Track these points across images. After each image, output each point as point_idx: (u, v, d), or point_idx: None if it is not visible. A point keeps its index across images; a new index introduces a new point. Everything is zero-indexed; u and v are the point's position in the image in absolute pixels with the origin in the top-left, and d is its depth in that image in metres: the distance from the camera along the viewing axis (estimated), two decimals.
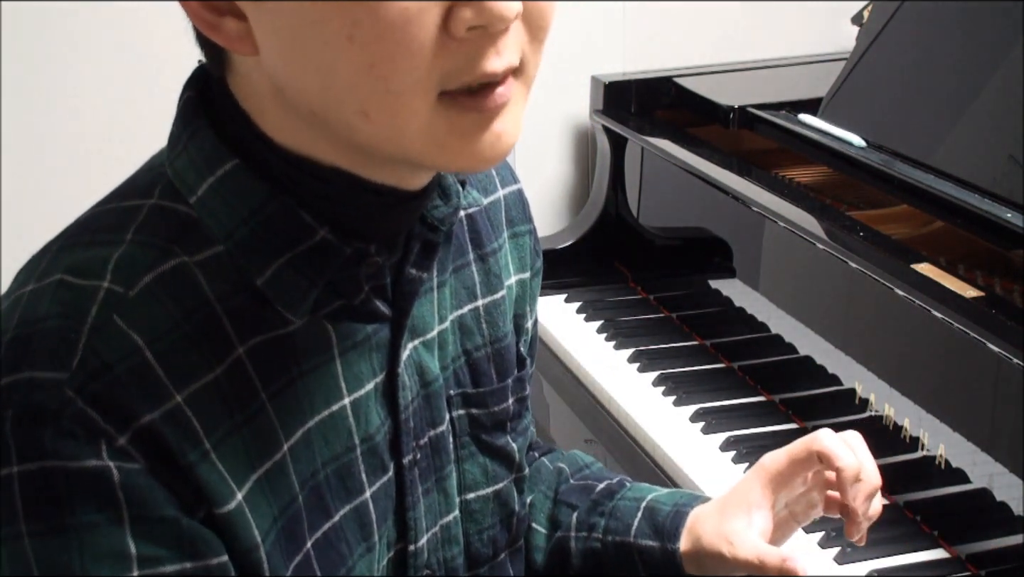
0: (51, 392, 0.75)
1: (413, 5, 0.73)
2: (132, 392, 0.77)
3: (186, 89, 0.87)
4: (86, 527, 0.76)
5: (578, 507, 1.11)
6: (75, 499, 0.76)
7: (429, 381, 0.94)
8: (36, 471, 0.75)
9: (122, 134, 2.06)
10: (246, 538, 0.81)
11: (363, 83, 0.75)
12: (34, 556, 0.76)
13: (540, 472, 1.16)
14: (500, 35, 0.76)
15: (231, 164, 0.83)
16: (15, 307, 0.80)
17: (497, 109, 0.78)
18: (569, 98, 2.23)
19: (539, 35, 0.79)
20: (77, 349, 0.77)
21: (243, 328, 0.82)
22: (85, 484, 0.76)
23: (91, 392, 0.76)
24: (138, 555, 0.77)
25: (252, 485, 0.81)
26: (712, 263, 1.90)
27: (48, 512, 0.76)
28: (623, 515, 1.08)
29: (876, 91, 1.79)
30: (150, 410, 0.77)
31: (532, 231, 1.07)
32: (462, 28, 0.74)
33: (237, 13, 0.77)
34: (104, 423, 0.76)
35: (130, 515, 0.77)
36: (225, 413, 0.80)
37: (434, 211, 0.91)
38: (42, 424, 0.75)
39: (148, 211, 0.83)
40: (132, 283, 0.79)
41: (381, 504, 0.90)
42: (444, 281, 0.96)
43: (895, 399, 1.49)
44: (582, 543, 1.09)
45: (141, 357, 0.77)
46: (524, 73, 0.80)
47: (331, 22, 0.73)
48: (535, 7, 0.77)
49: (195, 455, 0.78)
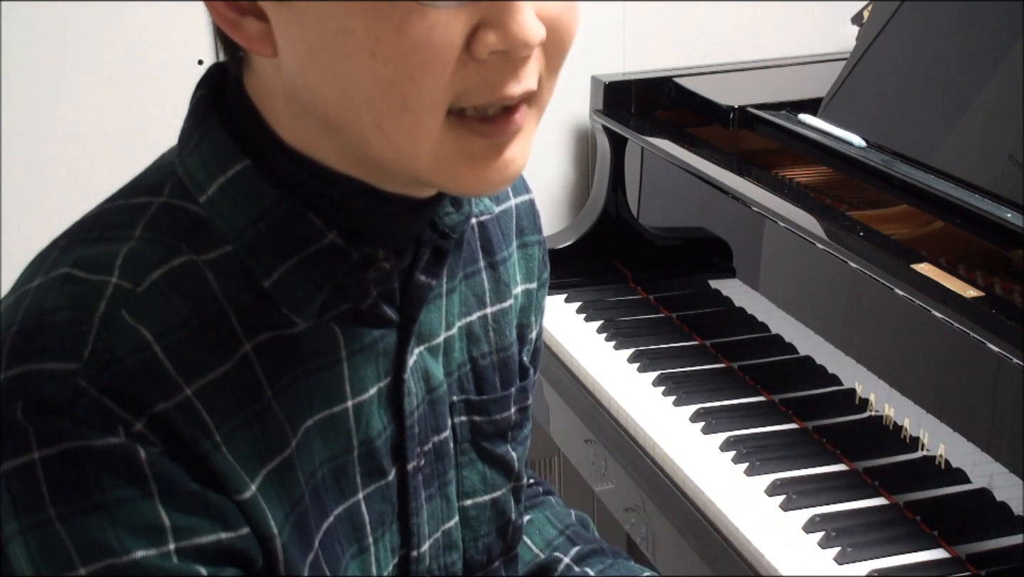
0: (63, 383, 0.75)
1: (439, 26, 0.73)
2: (143, 384, 0.77)
3: (199, 87, 0.87)
4: (118, 502, 0.76)
5: (580, 545, 1.12)
6: (103, 476, 0.75)
7: (434, 387, 0.94)
8: (59, 454, 0.75)
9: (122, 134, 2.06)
10: (263, 527, 0.81)
11: (381, 98, 0.75)
12: (69, 538, 0.75)
13: (551, 504, 1.17)
14: (522, 61, 0.76)
15: (242, 165, 0.82)
16: (20, 301, 0.80)
17: (510, 136, 0.78)
18: (569, 98, 2.23)
19: (557, 62, 0.80)
20: (88, 340, 0.76)
21: (250, 326, 0.82)
22: (112, 461, 0.75)
23: (103, 382, 0.76)
24: (173, 526, 0.77)
25: (263, 480, 0.81)
26: (712, 263, 1.90)
27: (77, 492, 0.75)
28: (623, 571, 1.10)
29: (876, 91, 1.79)
30: (163, 400, 0.77)
31: (541, 242, 1.07)
32: (485, 51, 0.74)
33: (259, 14, 0.77)
34: (119, 410, 0.76)
35: (159, 488, 0.76)
36: (234, 407, 0.80)
37: (445, 218, 0.91)
38: (57, 414, 0.75)
39: (157, 208, 0.83)
40: (140, 279, 0.79)
41: (376, 507, 0.90)
42: (454, 288, 0.96)
43: (895, 399, 1.49)
44: (571, 571, 1.10)
45: (150, 351, 0.77)
46: (539, 100, 0.80)
47: (355, 36, 0.73)
48: (557, 34, 0.77)
49: (208, 445, 0.78)
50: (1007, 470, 1.32)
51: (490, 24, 0.74)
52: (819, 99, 1.85)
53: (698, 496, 1.51)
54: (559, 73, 0.81)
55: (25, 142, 2.04)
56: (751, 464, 1.54)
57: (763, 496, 1.48)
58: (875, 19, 1.83)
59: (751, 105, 1.91)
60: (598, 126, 2.12)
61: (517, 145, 0.79)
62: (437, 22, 0.73)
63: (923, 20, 1.76)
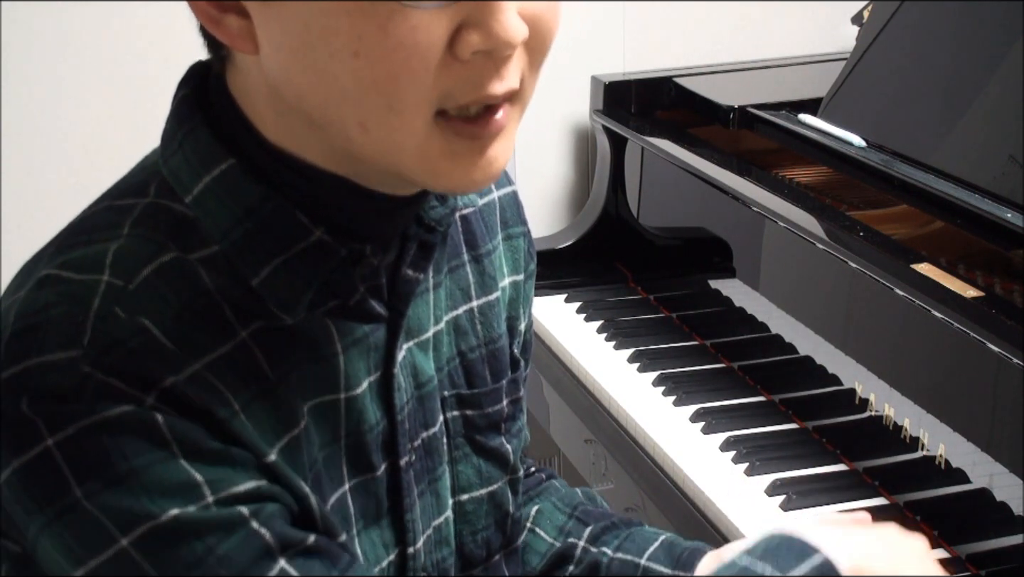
0: (66, 371, 0.75)
1: (421, 26, 0.73)
2: (149, 361, 0.76)
3: (181, 87, 0.87)
4: (144, 468, 0.75)
5: (592, 525, 1.12)
6: (124, 444, 0.74)
7: (423, 382, 0.94)
8: (74, 435, 0.74)
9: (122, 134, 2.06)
10: (294, 487, 0.80)
11: (365, 98, 0.75)
12: (103, 513, 0.75)
13: (555, 488, 1.16)
14: (504, 60, 0.76)
15: (227, 164, 0.82)
16: (10, 309, 0.80)
17: (493, 135, 0.79)
18: (569, 98, 2.23)
19: (539, 61, 0.80)
20: (86, 328, 0.76)
21: (244, 317, 0.82)
22: (130, 428, 0.74)
23: (107, 364, 0.75)
24: (206, 480, 0.76)
25: (279, 453, 0.81)
26: (712, 263, 1.90)
27: (100, 466, 0.74)
28: (640, 540, 1.08)
29: (876, 91, 1.79)
30: (172, 374, 0.76)
31: (526, 233, 1.07)
32: (468, 51, 0.74)
33: (241, 11, 0.77)
34: (128, 388, 0.75)
35: (182, 450, 0.75)
36: (244, 381, 0.80)
37: (431, 212, 0.91)
38: (64, 401, 0.74)
39: (143, 208, 0.83)
40: (131, 276, 0.79)
41: (359, 500, 0.90)
42: (439, 282, 0.96)
43: (895, 399, 1.49)
44: (588, 554, 1.09)
45: (150, 335, 0.77)
46: (521, 98, 0.80)
47: (338, 36, 0.73)
48: (539, 32, 0.78)
49: (225, 412, 0.78)
50: (1007, 470, 1.32)
51: (472, 24, 0.74)
52: (819, 99, 1.85)
53: (698, 496, 1.51)
54: (540, 70, 0.81)
55: (25, 142, 2.04)
56: (751, 464, 1.54)
57: (763, 496, 1.48)
58: (875, 19, 1.83)
59: (751, 105, 1.91)
60: (598, 126, 2.12)
61: (500, 144, 0.80)
62: (420, 23, 0.73)
63: (923, 20, 1.76)
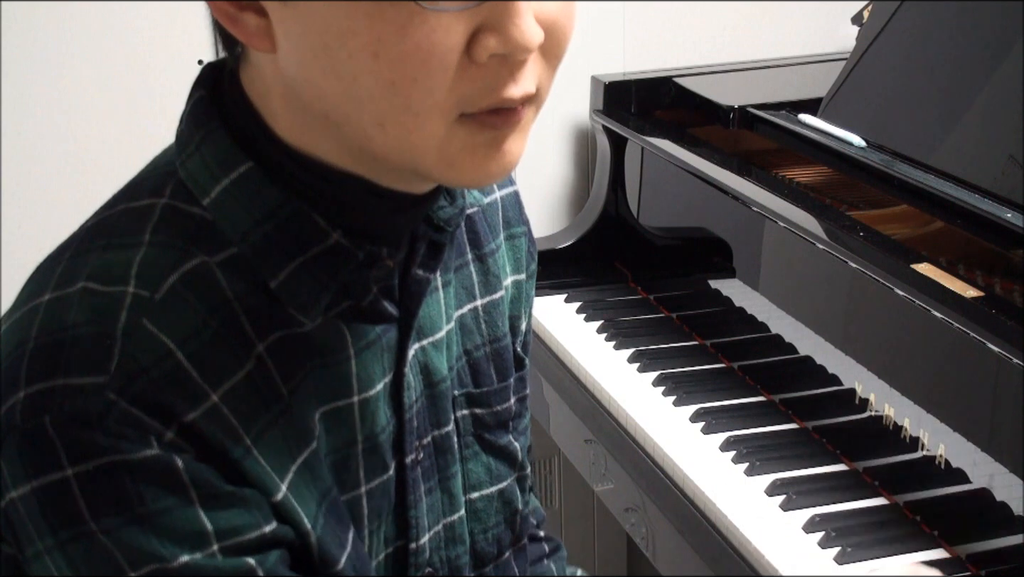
0: (92, 397, 0.76)
1: (440, 29, 0.73)
2: (171, 393, 0.77)
3: (196, 88, 0.87)
4: (160, 513, 0.77)
5: None
6: (144, 488, 0.76)
7: (436, 381, 0.94)
8: (94, 470, 0.76)
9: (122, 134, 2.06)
10: (298, 525, 0.83)
11: (383, 98, 0.76)
12: (116, 547, 0.77)
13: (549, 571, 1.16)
14: (520, 64, 0.77)
15: (245, 167, 0.83)
16: (33, 316, 0.80)
17: (512, 128, 0.80)
18: (569, 98, 2.23)
19: (554, 63, 0.81)
20: (114, 353, 0.77)
21: (261, 326, 0.83)
22: (151, 473, 0.76)
23: (132, 393, 0.76)
24: (215, 530, 0.78)
25: (294, 475, 0.83)
26: (712, 263, 1.90)
27: (119, 506, 0.76)
28: None
29: (876, 91, 1.79)
30: (191, 409, 0.78)
31: (528, 233, 1.07)
32: (485, 55, 0.75)
33: (259, 9, 0.78)
34: (150, 420, 0.76)
35: (199, 494, 0.78)
36: (259, 408, 0.81)
37: (440, 212, 0.91)
38: (88, 427, 0.75)
39: (161, 210, 0.83)
40: (157, 286, 0.80)
41: (376, 501, 0.91)
42: (448, 281, 0.97)
43: (895, 399, 1.49)
44: None
45: (174, 360, 0.78)
46: (537, 99, 0.81)
47: (358, 36, 0.74)
48: (554, 36, 0.79)
49: (239, 451, 0.79)
50: (1007, 470, 1.32)
51: (490, 28, 0.75)
52: (819, 99, 1.85)
53: (698, 496, 1.51)
54: (556, 73, 0.82)
55: (25, 142, 2.04)
56: (751, 464, 1.54)
57: (763, 496, 1.48)
58: (875, 19, 1.83)
59: (751, 105, 1.91)
60: (598, 126, 2.12)
61: (515, 138, 0.81)
62: (438, 25, 0.73)
63: (923, 20, 1.76)
